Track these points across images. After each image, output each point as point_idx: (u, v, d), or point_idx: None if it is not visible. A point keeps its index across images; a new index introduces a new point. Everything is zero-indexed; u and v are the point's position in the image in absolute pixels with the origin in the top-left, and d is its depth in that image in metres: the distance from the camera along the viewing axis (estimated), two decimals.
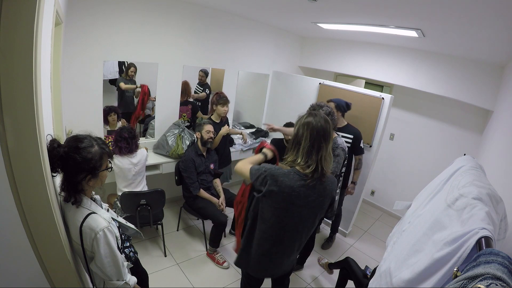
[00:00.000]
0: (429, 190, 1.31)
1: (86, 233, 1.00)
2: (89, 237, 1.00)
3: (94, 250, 1.01)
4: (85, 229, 1.00)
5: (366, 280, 1.86)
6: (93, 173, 1.03)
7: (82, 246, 1.02)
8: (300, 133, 1.28)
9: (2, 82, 0.75)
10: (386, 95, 2.76)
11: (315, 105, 2.21)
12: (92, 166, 1.01)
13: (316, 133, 1.25)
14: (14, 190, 0.84)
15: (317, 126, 1.26)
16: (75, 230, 1.02)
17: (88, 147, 1.01)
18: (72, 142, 1.01)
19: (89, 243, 1.01)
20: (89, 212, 1.04)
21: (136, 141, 2.35)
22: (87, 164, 1.00)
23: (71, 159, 0.98)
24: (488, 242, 0.67)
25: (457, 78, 2.98)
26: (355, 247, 3.14)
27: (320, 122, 1.27)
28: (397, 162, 3.80)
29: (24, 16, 0.75)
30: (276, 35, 3.86)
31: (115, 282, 1.09)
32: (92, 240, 1.00)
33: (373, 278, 1.24)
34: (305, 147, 1.25)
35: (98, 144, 1.06)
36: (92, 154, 1.01)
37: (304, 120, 1.30)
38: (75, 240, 1.04)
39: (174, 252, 2.60)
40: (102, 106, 2.58)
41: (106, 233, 1.03)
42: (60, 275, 1.02)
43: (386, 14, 2.06)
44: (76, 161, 0.98)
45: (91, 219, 1.02)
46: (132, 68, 3.28)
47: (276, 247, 1.38)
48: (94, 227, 1.01)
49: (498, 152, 1.92)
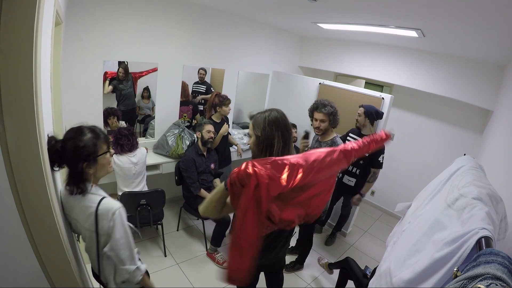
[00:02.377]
0: (429, 190, 1.31)
1: (103, 215, 1.03)
2: (106, 218, 1.03)
3: (110, 231, 1.04)
4: (102, 211, 1.03)
5: (366, 280, 1.85)
6: (89, 159, 1.05)
7: (97, 231, 1.04)
8: (270, 134, 1.18)
9: (2, 82, 0.75)
10: (386, 95, 2.76)
11: (318, 102, 2.19)
12: (86, 153, 1.03)
13: (286, 132, 1.21)
14: (14, 190, 0.84)
15: (284, 123, 1.21)
16: (89, 217, 1.04)
17: (78, 136, 1.04)
18: (66, 135, 1.05)
19: (105, 225, 1.03)
20: (101, 196, 1.07)
21: (136, 137, 2.36)
22: (81, 152, 1.03)
23: (66, 151, 1.01)
24: (488, 242, 0.67)
25: (457, 78, 2.98)
26: (355, 247, 3.14)
27: (284, 119, 1.22)
28: (397, 162, 3.80)
29: (24, 16, 0.75)
30: (276, 35, 3.86)
31: (128, 267, 1.09)
32: (109, 221, 1.03)
33: (373, 278, 1.24)
34: (279, 147, 1.18)
35: (91, 131, 1.08)
36: (84, 142, 1.03)
37: (269, 118, 1.20)
38: (87, 227, 1.05)
39: (174, 252, 2.60)
40: (102, 106, 2.58)
41: (121, 213, 1.06)
42: (60, 275, 1.02)
43: (386, 14, 2.06)
44: (70, 152, 1.01)
45: (105, 201, 1.06)
46: (121, 69, 3.14)
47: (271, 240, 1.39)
48: (110, 207, 1.04)
49: (498, 152, 1.92)
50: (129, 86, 3.41)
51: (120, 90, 3.34)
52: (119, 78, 3.28)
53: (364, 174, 2.64)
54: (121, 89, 3.35)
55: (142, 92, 3.66)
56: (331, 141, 2.20)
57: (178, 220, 2.96)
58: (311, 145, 2.40)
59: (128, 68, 3.32)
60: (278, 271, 1.77)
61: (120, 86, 3.33)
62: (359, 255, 2.99)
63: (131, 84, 3.42)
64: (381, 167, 2.58)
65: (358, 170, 2.64)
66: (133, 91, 3.48)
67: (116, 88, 3.30)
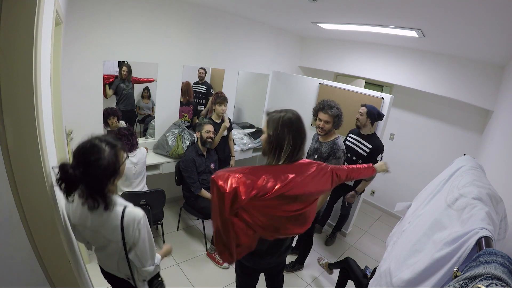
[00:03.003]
0: (429, 190, 1.31)
1: (129, 225, 1.02)
2: (132, 227, 1.03)
3: (136, 238, 1.04)
4: (127, 222, 1.02)
5: (366, 280, 1.85)
6: (116, 173, 1.02)
7: (124, 242, 1.03)
8: (281, 135, 1.18)
9: (2, 82, 0.75)
10: (386, 95, 2.76)
11: (325, 102, 2.16)
12: (112, 169, 0.99)
13: (298, 135, 1.20)
14: (14, 190, 0.84)
15: (298, 126, 1.21)
16: (114, 230, 1.03)
17: (100, 155, 0.95)
18: (82, 158, 0.94)
19: (131, 233, 1.03)
20: (122, 206, 1.05)
21: (136, 137, 2.36)
22: (108, 171, 0.97)
23: (90, 176, 0.94)
24: (488, 242, 0.67)
25: (457, 78, 2.98)
26: (355, 247, 3.14)
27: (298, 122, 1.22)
28: (397, 162, 3.80)
29: (24, 16, 0.75)
30: (276, 35, 3.86)
31: (147, 268, 1.12)
32: (135, 230, 1.03)
33: (373, 278, 1.24)
34: (288, 150, 1.18)
35: (107, 143, 1.00)
36: (107, 160, 0.96)
37: (283, 119, 1.20)
38: (112, 239, 1.04)
39: (174, 252, 2.60)
40: (102, 106, 2.58)
41: (145, 221, 1.07)
42: (60, 275, 1.02)
43: (386, 14, 2.06)
44: (96, 174, 0.95)
45: (128, 211, 1.04)
46: (124, 68, 3.25)
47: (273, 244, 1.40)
48: (135, 216, 1.04)
49: (498, 152, 1.92)
50: (130, 86, 3.43)
51: (121, 89, 3.36)
52: (122, 77, 3.30)
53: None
54: (122, 89, 3.37)
55: (142, 92, 3.69)
56: (332, 142, 2.18)
57: (178, 220, 2.96)
58: (311, 145, 2.40)
59: (131, 68, 3.36)
60: (278, 272, 1.78)
61: (121, 86, 3.36)
62: (359, 255, 2.99)
63: (132, 85, 3.45)
64: None
65: None
66: (133, 92, 3.51)
67: (117, 87, 3.33)
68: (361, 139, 2.59)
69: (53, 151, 1.15)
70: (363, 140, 2.58)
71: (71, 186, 0.92)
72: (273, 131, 1.20)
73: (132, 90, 3.48)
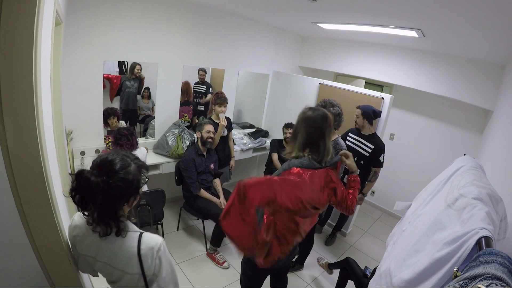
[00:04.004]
0: (429, 190, 1.31)
1: (147, 255, 0.90)
2: (151, 257, 0.91)
3: (156, 269, 0.92)
4: (145, 251, 0.90)
5: (366, 280, 1.85)
6: (137, 193, 0.92)
7: (143, 274, 0.91)
8: (297, 128, 1.34)
9: (2, 82, 0.75)
10: (386, 95, 2.76)
11: (327, 101, 2.19)
12: (135, 186, 0.90)
13: (311, 130, 1.30)
14: (14, 190, 0.84)
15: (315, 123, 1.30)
16: (130, 260, 0.90)
17: (126, 167, 0.88)
18: (106, 166, 0.86)
19: (151, 264, 0.91)
20: (138, 233, 0.94)
21: (136, 137, 2.36)
22: (131, 187, 0.88)
23: (114, 188, 0.84)
24: (488, 242, 0.67)
25: (457, 78, 2.98)
26: (355, 247, 3.14)
27: (318, 120, 1.30)
28: (397, 162, 3.80)
29: (24, 16, 0.75)
30: (276, 35, 3.86)
31: None
32: (154, 260, 0.91)
33: (373, 278, 1.24)
34: (301, 142, 1.31)
35: (130, 159, 0.92)
36: (132, 175, 0.88)
37: (304, 115, 1.33)
38: (129, 271, 0.91)
39: (174, 252, 2.60)
40: (102, 106, 2.58)
41: (165, 247, 0.95)
42: (60, 275, 1.02)
43: (386, 14, 2.06)
44: (120, 188, 0.85)
45: (146, 238, 0.93)
46: (138, 66, 3.33)
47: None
48: (153, 245, 0.92)
49: (498, 152, 1.92)
50: (135, 86, 3.45)
51: (125, 87, 3.38)
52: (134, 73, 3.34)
53: (365, 174, 2.63)
54: (126, 86, 3.39)
55: (142, 92, 3.69)
56: (334, 143, 2.16)
57: (178, 220, 2.96)
58: None
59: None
60: (283, 273, 1.79)
61: (126, 83, 3.38)
62: (359, 255, 2.99)
63: (137, 86, 3.46)
64: (382, 166, 2.58)
65: (358, 170, 2.63)
66: (137, 93, 3.53)
67: (122, 84, 3.35)
68: (362, 139, 2.59)
69: (53, 151, 1.15)
70: (364, 140, 2.57)
71: (88, 197, 0.82)
72: (295, 124, 1.37)
73: (136, 90, 3.49)
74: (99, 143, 2.61)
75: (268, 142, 3.60)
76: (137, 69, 3.34)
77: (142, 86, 3.54)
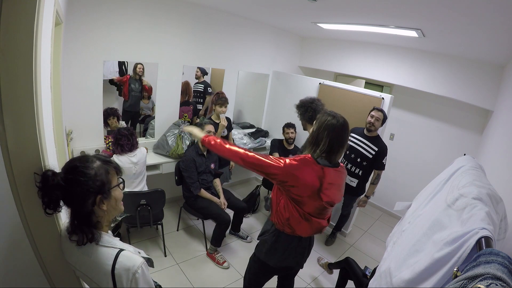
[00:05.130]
0: (429, 190, 1.31)
1: (121, 276, 0.84)
2: (126, 279, 0.84)
3: None
4: (119, 271, 0.84)
5: (366, 280, 1.86)
6: (104, 191, 0.86)
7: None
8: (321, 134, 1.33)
9: (2, 82, 0.75)
10: (386, 95, 2.76)
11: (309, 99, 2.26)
12: (99, 183, 0.85)
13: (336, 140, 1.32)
14: (14, 190, 0.84)
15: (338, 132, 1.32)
16: (103, 277, 0.85)
17: (88, 163, 0.85)
18: (68, 164, 0.86)
19: (125, 285, 0.84)
20: (117, 250, 0.88)
21: (136, 137, 2.36)
22: (94, 182, 0.83)
23: (74, 183, 0.81)
24: (488, 242, 0.67)
25: (457, 78, 2.98)
26: (355, 247, 3.14)
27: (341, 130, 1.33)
28: (397, 162, 3.80)
29: (24, 16, 0.75)
30: (276, 35, 3.86)
31: None
32: (129, 281, 0.84)
33: (373, 278, 1.24)
34: (323, 150, 1.32)
35: (99, 158, 0.90)
36: (95, 169, 0.85)
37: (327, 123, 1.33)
38: (102, 287, 0.87)
39: (174, 252, 2.60)
40: (102, 106, 2.58)
41: (144, 270, 0.87)
42: (60, 275, 1.02)
43: (386, 14, 2.06)
44: (79, 183, 0.81)
45: (123, 258, 0.86)
46: (140, 65, 3.37)
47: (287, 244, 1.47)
48: (130, 266, 0.85)
49: (498, 152, 1.92)
50: (138, 90, 3.48)
51: (130, 90, 3.43)
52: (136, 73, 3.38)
53: (366, 175, 2.64)
54: (131, 90, 3.43)
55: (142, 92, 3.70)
56: None
57: (178, 220, 2.96)
58: None
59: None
60: (291, 276, 1.78)
61: (131, 86, 3.41)
62: (359, 255, 2.99)
63: (140, 89, 3.49)
64: (384, 169, 2.60)
65: (360, 171, 2.64)
66: (140, 96, 3.56)
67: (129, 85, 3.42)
68: (366, 140, 2.58)
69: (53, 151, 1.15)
70: (368, 141, 2.57)
71: (49, 194, 0.80)
72: (316, 129, 1.36)
73: (139, 93, 3.52)
74: (99, 143, 2.61)
75: (268, 142, 3.60)
76: (139, 68, 3.36)
77: (144, 89, 3.57)
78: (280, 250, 1.45)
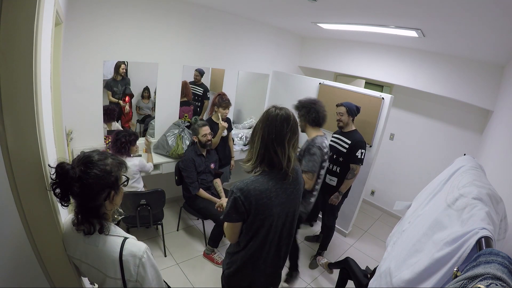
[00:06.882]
0: (429, 190, 1.31)
1: (129, 262, 0.89)
2: (133, 264, 0.89)
3: (141, 278, 0.90)
4: (126, 257, 0.89)
5: (366, 280, 1.85)
6: (116, 187, 0.92)
7: (123, 280, 0.89)
8: (253, 133, 1.20)
9: (2, 82, 0.75)
10: (386, 95, 2.76)
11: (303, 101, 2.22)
12: (114, 179, 0.90)
13: (267, 135, 1.14)
14: (14, 190, 0.84)
15: (269, 127, 1.15)
16: (111, 265, 0.89)
17: (103, 159, 0.90)
18: (84, 159, 0.88)
19: (133, 272, 0.89)
20: (122, 238, 0.92)
21: (132, 148, 2.35)
22: (109, 178, 0.88)
23: (91, 177, 0.84)
24: (488, 242, 0.67)
25: (457, 78, 2.98)
26: (355, 247, 3.14)
27: (275, 120, 1.14)
28: (397, 162, 3.80)
29: (24, 16, 0.75)
30: (276, 35, 3.86)
31: None
32: (137, 267, 0.89)
33: (373, 278, 1.24)
34: (257, 147, 1.16)
35: (109, 155, 0.94)
36: (110, 166, 0.90)
37: (259, 118, 1.20)
38: (111, 276, 0.91)
39: (174, 252, 2.60)
40: (102, 106, 2.58)
41: (149, 255, 0.93)
42: (60, 275, 1.02)
43: (386, 14, 2.06)
44: (97, 177, 0.85)
45: (129, 244, 0.91)
46: (123, 66, 3.29)
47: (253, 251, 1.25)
48: (136, 251, 0.90)
49: (498, 152, 1.92)
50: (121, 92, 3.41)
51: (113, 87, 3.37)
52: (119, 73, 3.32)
53: (345, 172, 2.52)
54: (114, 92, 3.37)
55: (142, 92, 3.68)
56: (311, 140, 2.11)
57: (178, 220, 2.96)
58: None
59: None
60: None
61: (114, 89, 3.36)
62: (359, 255, 2.99)
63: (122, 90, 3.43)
64: (361, 163, 2.46)
65: (338, 168, 2.55)
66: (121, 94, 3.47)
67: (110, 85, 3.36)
68: (341, 136, 2.56)
69: (53, 151, 1.15)
70: (343, 136, 2.55)
71: (69, 185, 0.83)
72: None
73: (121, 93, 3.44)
74: (99, 143, 2.61)
75: None
76: (122, 68, 3.29)
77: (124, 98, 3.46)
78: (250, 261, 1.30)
